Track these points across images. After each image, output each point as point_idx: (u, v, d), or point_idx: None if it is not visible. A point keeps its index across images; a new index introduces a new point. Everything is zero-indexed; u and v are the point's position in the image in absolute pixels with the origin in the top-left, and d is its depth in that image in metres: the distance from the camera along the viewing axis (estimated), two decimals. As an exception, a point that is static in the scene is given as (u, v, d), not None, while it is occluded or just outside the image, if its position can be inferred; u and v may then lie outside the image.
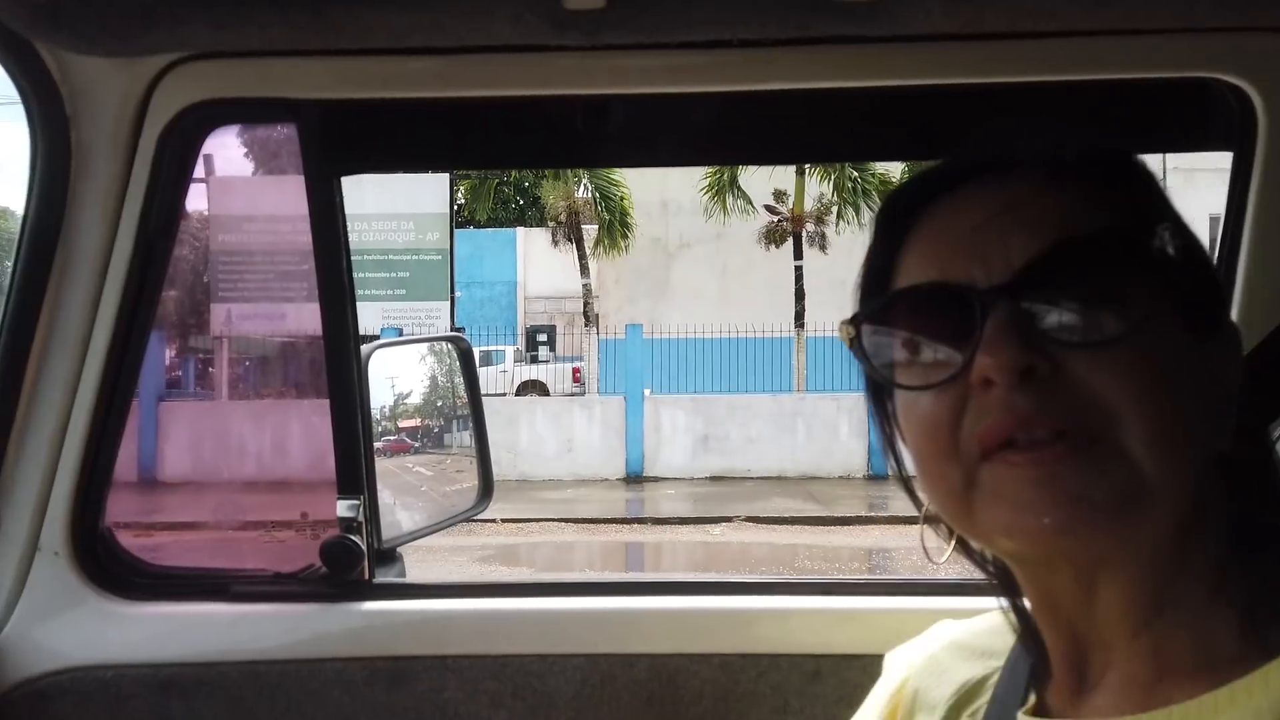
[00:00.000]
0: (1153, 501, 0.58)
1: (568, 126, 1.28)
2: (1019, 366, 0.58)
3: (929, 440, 0.63)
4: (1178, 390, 0.59)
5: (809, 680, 1.23)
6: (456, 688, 1.24)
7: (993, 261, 0.61)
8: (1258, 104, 1.13)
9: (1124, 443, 0.57)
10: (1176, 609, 0.61)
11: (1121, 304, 0.59)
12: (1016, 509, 0.58)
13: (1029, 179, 0.64)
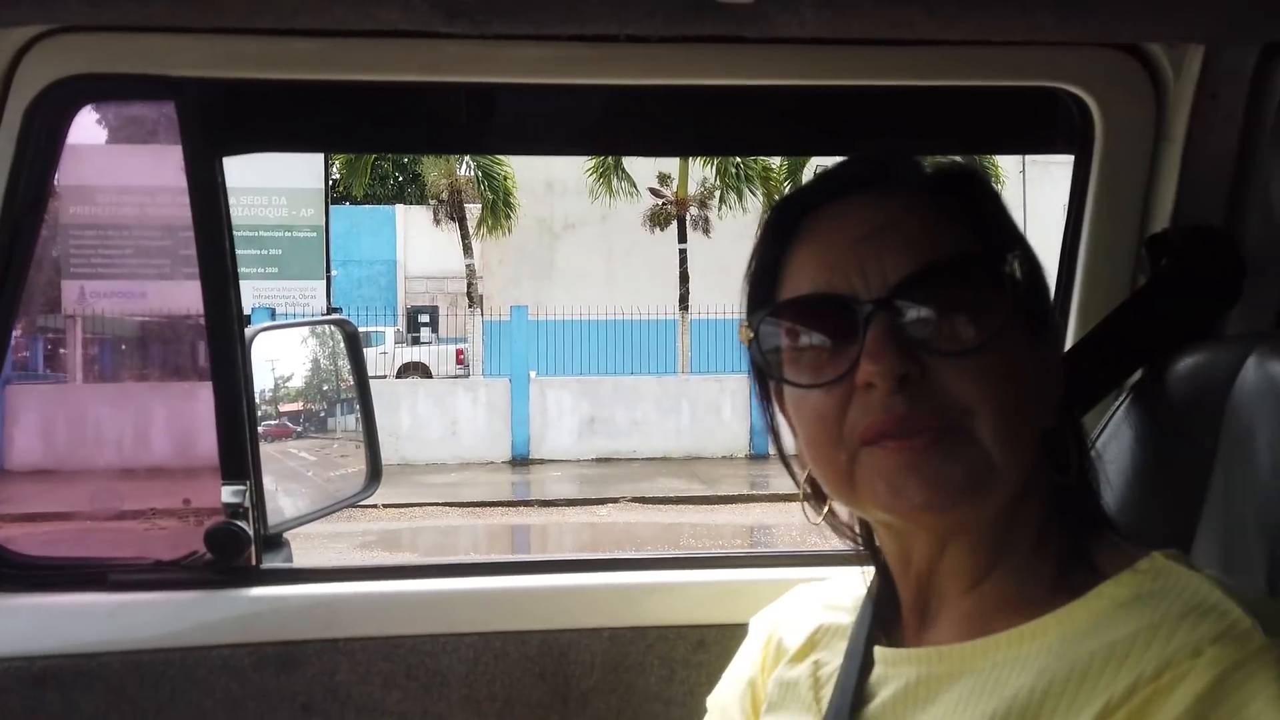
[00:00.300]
0: (998, 481, 0.69)
1: (455, 113, 1.29)
2: (897, 374, 0.67)
3: (818, 429, 0.72)
4: (1020, 388, 0.70)
5: (694, 650, 1.29)
6: (348, 670, 1.25)
7: (871, 276, 0.70)
8: (1095, 112, 1.25)
9: (977, 434, 0.68)
10: (1005, 563, 0.72)
11: (980, 318, 0.69)
12: (892, 489, 0.69)
13: (902, 197, 0.73)
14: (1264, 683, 0.57)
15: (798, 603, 0.92)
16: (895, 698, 0.73)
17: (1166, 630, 0.61)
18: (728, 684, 0.96)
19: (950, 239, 0.72)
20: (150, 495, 5.83)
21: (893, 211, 0.72)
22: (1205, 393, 0.98)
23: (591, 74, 1.22)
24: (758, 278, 0.79)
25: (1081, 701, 0.62)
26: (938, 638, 0.75)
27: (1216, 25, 1.08)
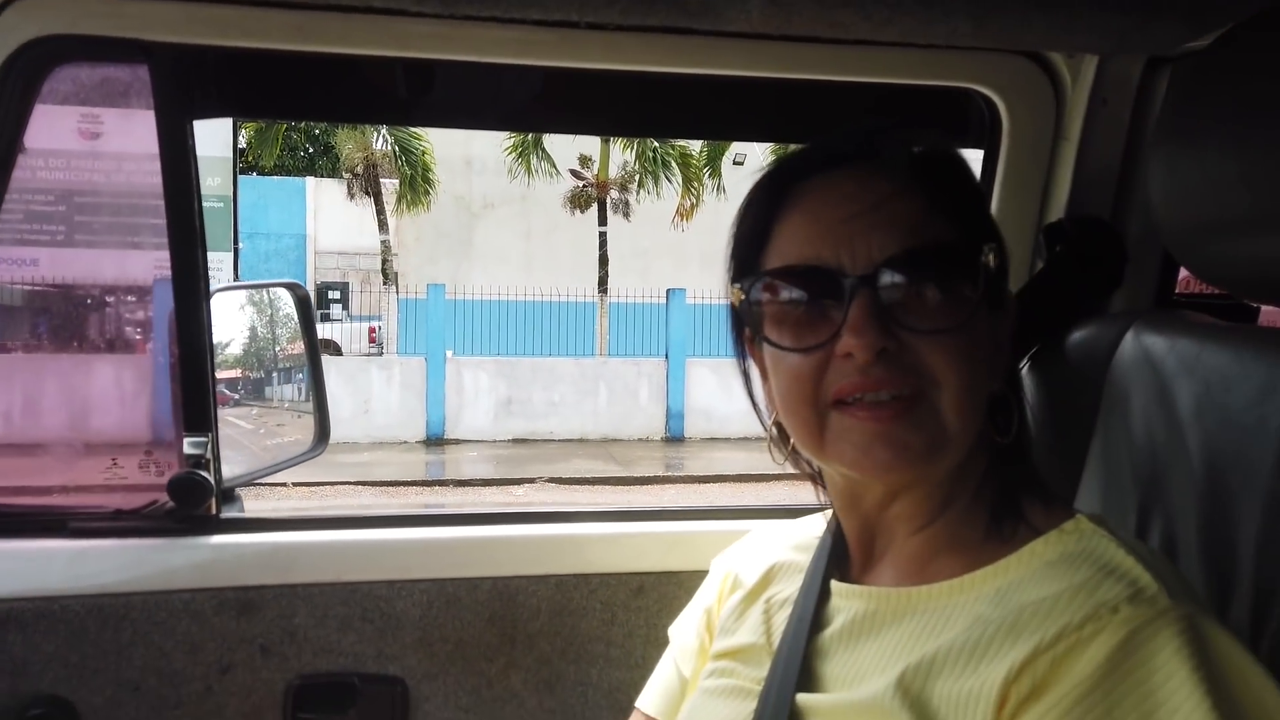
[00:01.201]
0: (951, 446, 0.76)
1: (421, 88, 1.34)
2: (876, 347, 0.73)
3: (794, 389, 0.78)
4: (978, 364, 0.76)
5: (634, 595, 1.39)
6: (306, 614, 1.31)
7: (858, 252, 0.75)
8: (1002, 112, 1.37)
9: (937, 404, 0.74)
10: (949, 512, 0.80)
11: (953, 301, 0.75)
12: (858, 450, 0.75)
13: (890, 178, 0.78)
14: (1168, 638, 0.63)
15: (755, 541, 1.01)
16: (845, 628, 0.80)
17: (1089, 589, 0.67)
18: (686, 614, 1.04)
19: (933, 225, 0.76)
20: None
21: (881, 192, 0.77)
22: (1091, 363, 1.09)
23: (551, 57, 1.28)
24: (746, 240, 0.83)
25: (1014, 644, 0.67)
26: (883, 577, 0.83)
27: (1108, 39, 1.21)
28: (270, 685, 1.31)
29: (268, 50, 1.22)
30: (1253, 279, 0.96)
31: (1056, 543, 0.74)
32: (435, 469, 13.69)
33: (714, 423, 15.26)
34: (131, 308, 1.39)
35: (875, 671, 0.75)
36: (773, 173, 0.84)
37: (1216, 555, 0.87)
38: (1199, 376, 0.95)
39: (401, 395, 14.91)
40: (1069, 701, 0.63)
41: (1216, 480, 0.89)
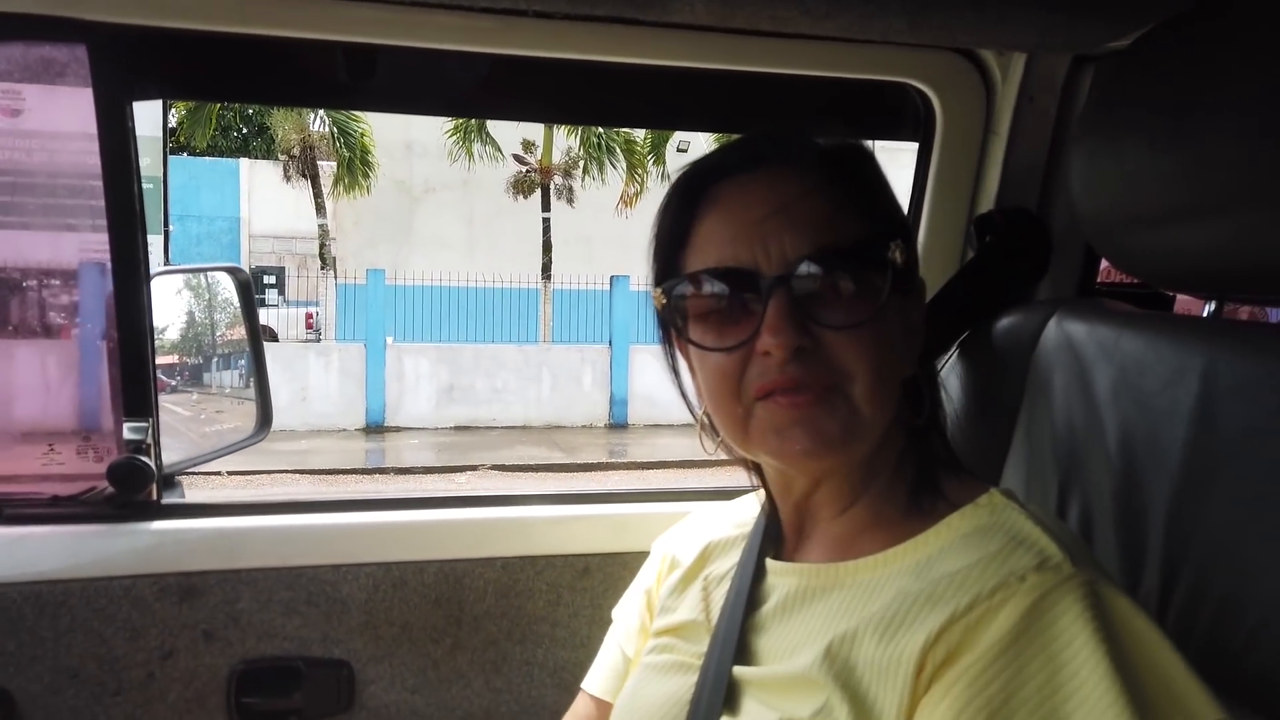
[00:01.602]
0: (865, 433, 0.79)
1: (365, 72, 1.34)
2: (792, 346, 0.76)
3: (719, 385, 0.81)
4: (890, 353, 0.79)
5: (579, 576, 1.42)
6: (250, 598, 1.31)
7: (773, 253, 0.78)
8: (936, 106, 1.42)
9: (852, 394, 0.77)
10: (869, 491, 0.84)
11: (864, 296, 0.78)
12: (780, 438, 0.78)
13: (800, 177, 0.80)
14: (1071, 602, 0.67)
15: (694, 522, 1.04)
16: (779, 604, 0.84)
17: (999, 560, 0.71)
18: (628, 597, 1.07)
19: (842, 222, 0.79)
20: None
21: (791, 192, 0.79)
22: (1016, 349, 1.14)
23: (497, 44, 1.29)
24: (666, 242, 0.86)
25: (931, 614, 0.71)
26: (812, 555, 0.87)
27: (1035, 37, 1.26)
28: (213, 670, 1.30)
29: (208, 32, 1.20)
30: (1165, 269, 1.02)
31: (971, 516, 0.78)
32: (375, 457, 13.51)
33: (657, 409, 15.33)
34: (56, 291, 1.36)
35: (805, 644, 0.78)
36: (688, 175, 0.86)
37: (1130, 528, 0.93)
38: (1116, 361, 1.00)
39: (340, 382, 14.67)
40: (980, 665, 0.66)
41: (1130, 459, 0.94)
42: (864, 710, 0.71)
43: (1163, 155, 0.90)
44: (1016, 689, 0.65)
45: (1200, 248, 0.91)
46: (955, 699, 0.66)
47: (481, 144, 17.57)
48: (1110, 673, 0.63)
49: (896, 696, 0.70)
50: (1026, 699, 0.65)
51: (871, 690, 0.72)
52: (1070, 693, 0.64)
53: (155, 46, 1.22)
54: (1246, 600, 0.79)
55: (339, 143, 17.35)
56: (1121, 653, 0.65)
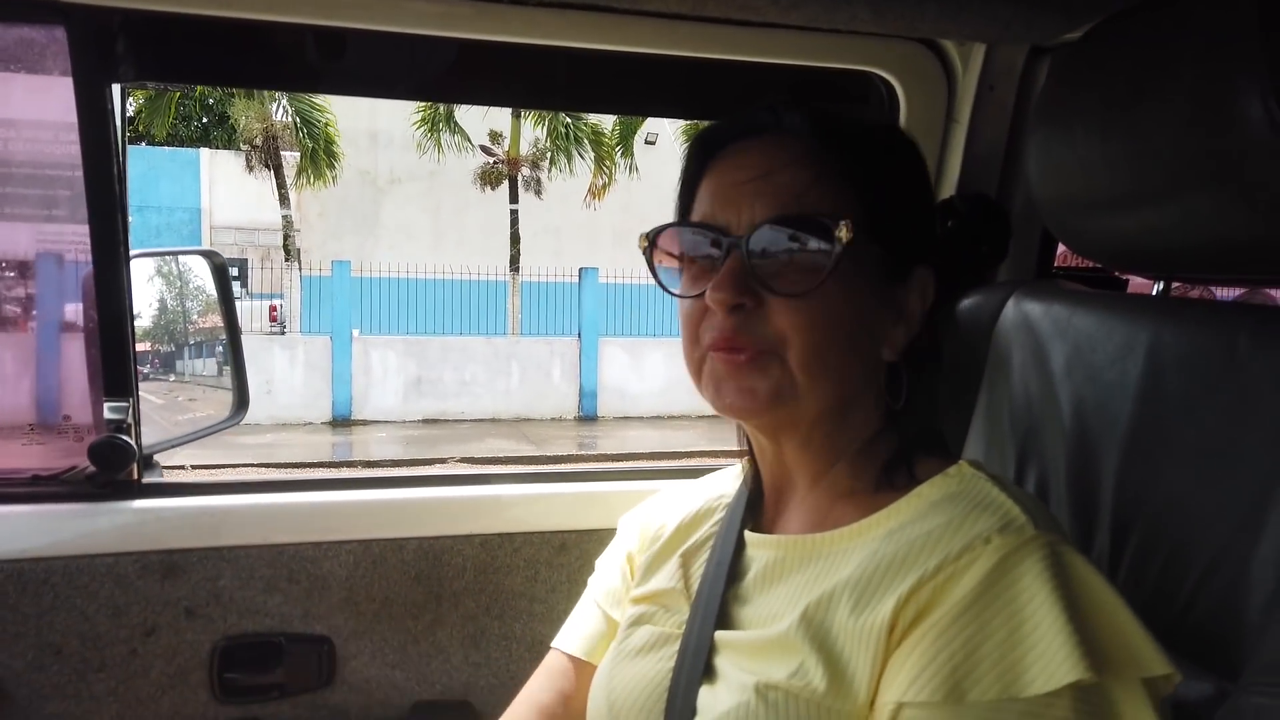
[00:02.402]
0: (799, 396, 0.82)
1: (341, 56, 1.35)
2: (731, 303, 0.80)
3: (685, 332, 0.87)
4: (834, 330, 0.81)
5: (556, 552, 1.45)
6: (231, 576, 1.33)
7: (743, 215, 0.82)
8: (900, 94, 1.46)
9: (786, 359, 0.80)
10: (840, 463, 0.87)
11: (808, 268, 0.80)
12: (717, 391, 0.83)
13: (790, 148, 0.84)
14: (1033, 563, 0.70)
15: (666, 499, 1.08)
16: (758, 575, 0.87)
17: (967, 524, 0.74)
18: (607, 561, 1.10)
19: (816, 194, 0.81)
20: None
21: (777, 161, 0.83)
22: (977, 328, 1.19)
23: (471, 30, 1.30)
24: (682, 195, 0.91)
25: (902, 576, 0.74)
26: (791, 526, 0.89)
27: (995, 28, 1.31)
28: (196, 647, 1.32)
29: (188, 15, 1.21)
30: (1116, 251, 1.07)
31: (940, 485, 0.81)
32: (342, 450, 13.42)
33: (627, 401, 15.38)
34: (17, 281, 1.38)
35: (783, 612, 0.81)
36: (701, 136, 0.91)
37: (1082, 494, 0.98)
38: (1069, 338, 1.05)
39: (306, 375, 14.54)
40: (946, 621, 0.70)
41: (1083, 429, 0.99)
42: (838, 670, 0.74)
43: (1112, 143, 0.94)
44: (980, 643, 0.69)
45: (1147, 231, 0.96)
46: (922, 653, 0.70)
47: (449, 134, 17.43)
48: (1067, 627, 0.67)
49: (870, 656, 0.73)
50: (989, 652, 0.68)
51: (846, 651, 0.75)
52: (1030, 646, 0.67)
53: (135, 29, 1.23)
54: (1190, 557, 0.84)
55: (303, 132, 17.10)
56: (1079, 609, 0.68)
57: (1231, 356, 0.86)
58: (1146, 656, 0.69)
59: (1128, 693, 0.69)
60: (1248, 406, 0.83)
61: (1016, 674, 0.67)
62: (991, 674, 0.68)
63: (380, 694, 1.39)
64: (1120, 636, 0.70)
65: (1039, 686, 0.66)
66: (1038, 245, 1.45)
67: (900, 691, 0.70)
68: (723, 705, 0.78)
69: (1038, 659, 0.67)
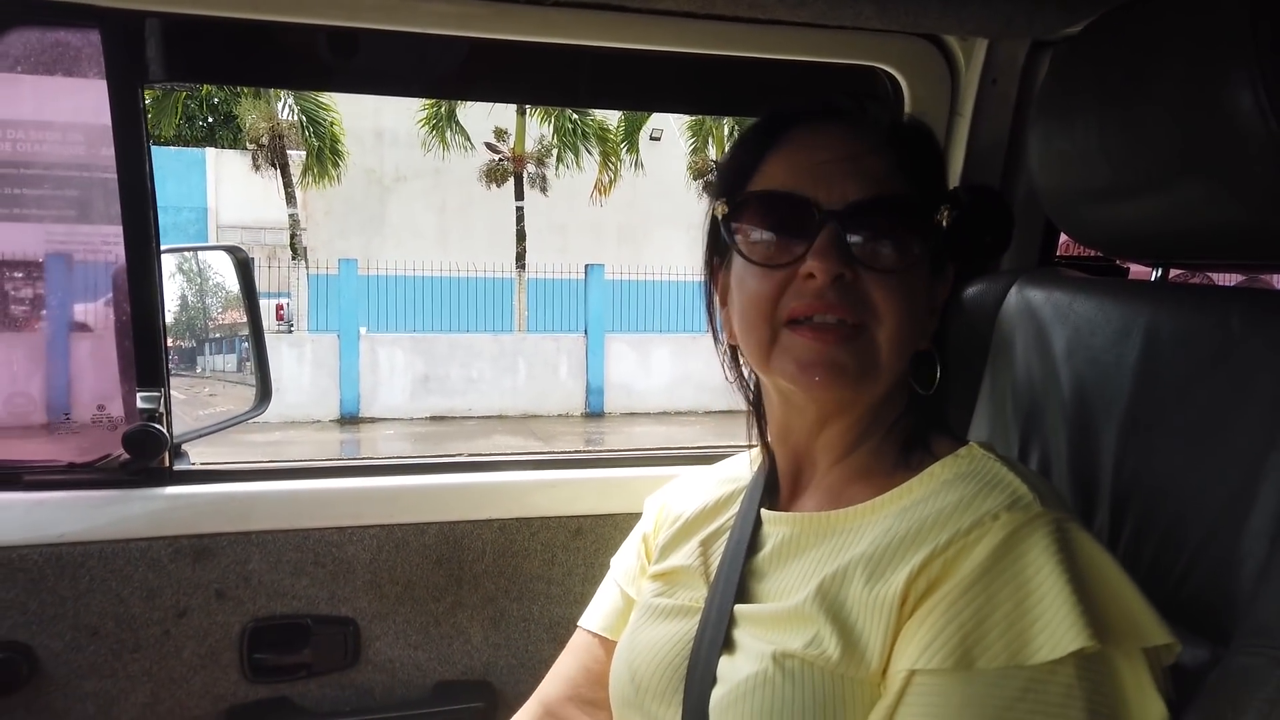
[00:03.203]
0: (879, 375, 0.86)
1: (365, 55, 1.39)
2: (835, 272, 0.82)
3: (755, 305, 0.87)
4: (914, 309, 0.86)
5: (573, 536, 1.49)
6: (260, 559, 1.37)
7: (832, 191, 0.85)
8: (905, 88, 1.49)
9: (875, 337, 0.84)
10: (865, 444, 0.91)
11: (903, 249, 0.85)
12: (800, 365, 0.85)
13: (871, 136, 0.88)
14: (1039, 538, 0.73)
15: (685, 482, 1.11)
16: (774, 551, 0.90)
17: (977, 502, 0.77)
18: (627, 544, 1.14)
19: (900, 182, 0.86)
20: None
21: (859, 147, 0.87)
22: (981, 314, 1.22)
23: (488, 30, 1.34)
24: (736, 170, 0.92)
25: (914, 550, 0.77)
26: (806, 505, 0.93)
27: (997, 23, 1.34)
28: (226, 628, 1.36)
29: (215, 17, 1.26)
30: (1116, 239, 1.11)
31: (951, 465, 0.84)
32: (351, 448, 13.48)
33: (633, 397, 15.41)
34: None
35: (799, 585, 0.85)
36: (771, 114, 0.93)
37: (1083, 473, 1.01)
38: (1070, 323, 1.09)
39: (313, 373, 14.60)
40: (956, 592, 0.74)
41: (1083, 411, 1.03)
42: (852, 640, 0.77)
43: (1110, 133, 0.97)
44: (989, 613, 0.72)
45: (1144, 219, 0.99)
46: (933, 623, 0.73)
47: (453, 132, 17.46)
48: (1072, 598, 0.70)
49: (882, 626, 0.76)
50: (997, 622, 0.71)
51: (859, 622, 0.78)
52: (1036, 616, 0.70)
53: (165, 31, 1.27)
54: (1185, 530, 0.88)
55: (308, 131, 17.15)
56: (1083, 582, 0.71)
57: (1224, 337, 0.90)
58: (1148, 627, 0.73)
59: (1129, 661, 0.72)
60: (1239, 385, 0.86)
61: (1023, 642, 0.70)
62: (999, 642, 0.71)
63: (403, 674, 1.44)
64: (1123, 608, 0.73)
65: (1045, 654, 0.69)
66: (1040, 235, 1.48)
67: (912, 659, 0.73)
68: (742, 673, 0.82)
69: (1044, 628, 0.70)
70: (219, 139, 23.64)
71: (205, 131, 24.66)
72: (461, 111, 17.14)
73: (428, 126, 17.46)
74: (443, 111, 17.20)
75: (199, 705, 1.36)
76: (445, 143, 17.44)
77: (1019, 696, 0.70)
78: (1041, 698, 0.69)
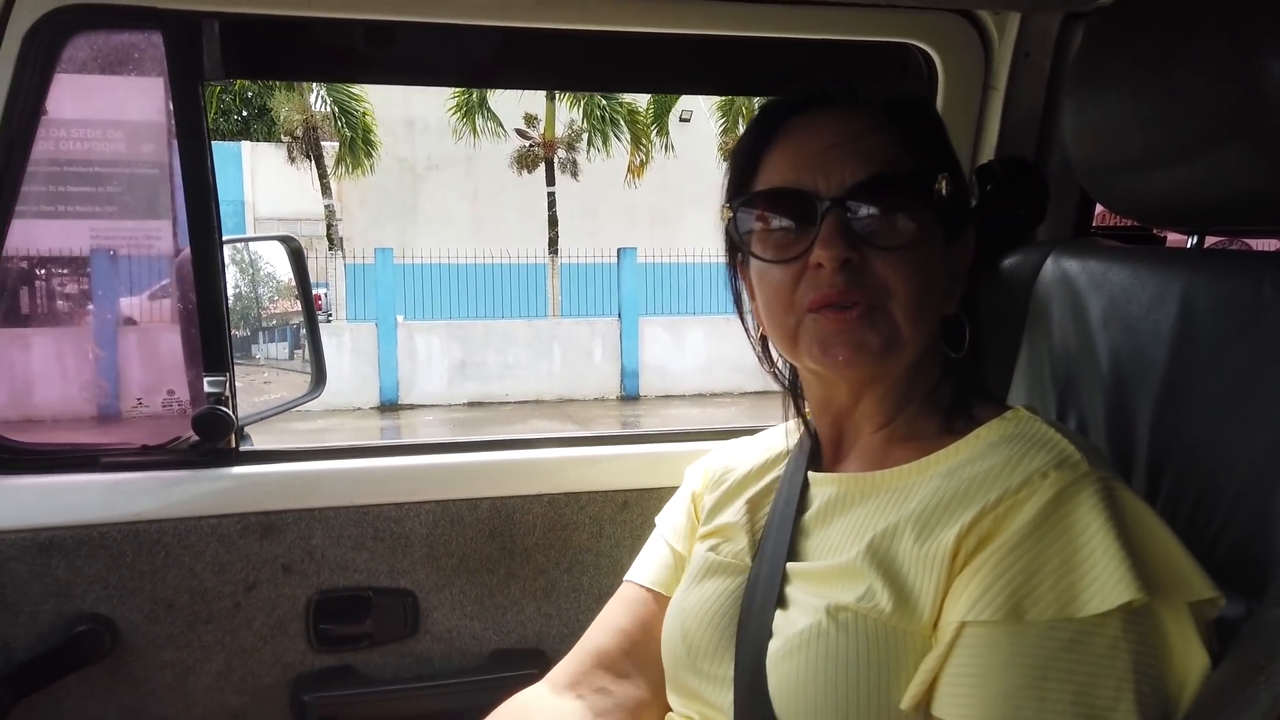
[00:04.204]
0: (902, 348, 0.87)
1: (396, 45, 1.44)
2: (841, 259, 0.85)
3: (774, 297, 0.90)
4: (928, 279, 0.87)
5: (619, 510, 1.54)
6: (323, 535, 1.43)
7: (832, 178, 0.86)
8: (938, 64, 1.51)
9: (892, 311, 0.86)
10: (905, 411, 0.93)
11: (908, 222, 0.86)
12: (823, 347, 0.87)
13: (865, 116, 0.89)
14: (1087, 495, 0.75)
15: (733, 447, 1.15)
16: (820, 510, 0.93)
17: (1025, 461, 0.79)
18: (673, 503, 1.17)
19: (897, 157, 0.87)
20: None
21: (856, 127, 0.88)
22: (1018, 285, 1.25)
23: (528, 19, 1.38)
24: (739, 170, 0.94)
25: (964, 508, 0.79)
26: (851, 467, 0.95)
27: None
28: (293, 600, 1.43)
29: (269, 16, 1.31)
30: (1151, 208, 1.12)
31: (998, 428, 0.86)
32: (391, 434, 13.65)
33: (668, 380, 15.43)
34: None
35: (848, 543, 0.87)
36: (764, 110, 0.95)
37: (1120, 437, 1.04)
38: (1105, 292, 1.11)
39: (353, 362, 14.78)
40: (1007, 548, 0.76)
41: (1119, 376, 1.05)
42: (904, 593, 0.80)
43: (1143, 103, 0.99)
44: (1038, 567, 0.74)
45: (1179, 187, 1.01)
46: (984, 577, 0.75)
47: (484, 119, 17.52)
48: (1120, 553, 0.72)
49: (933, 580, 0.79)
50: (1046, 576, 0.73)
51: (911, 576, 0.80)
52: (1085, 570, 0.72)
53: (222, 30, 1.32)
54: (1220, 492, 0.90)
55: (340, 122, 17.30)
56: (1130, 537, 0.73)
57: (1257, 302, 0.92)
58: (1193, 581, 0.75)
59: (1175, 614, 0.74)
60: (1271, 348, 0.88)
61: (1072, 595, 0.73)
62: (1049, 595, 0.73)
63: (460, 643, 1.50)
64: (1169, 563, 0.75)
65: (1093, 607, 0.72)
66: (1075, 205, 1.50)
67: (963, 612, 0.76)
68: (796, 626, 0.85)
69: (1092, 582, 0.72)
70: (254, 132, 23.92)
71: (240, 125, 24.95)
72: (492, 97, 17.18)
73: (459, 114, 17.52)
74: (474, 99, 17.25)
75: (269, 673, 1.43)
76: (475, 130, 17.48)
77: (1066, 647, 0.72)
78: (1088, 649, 0.72)
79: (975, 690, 0.74)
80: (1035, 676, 0.73)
